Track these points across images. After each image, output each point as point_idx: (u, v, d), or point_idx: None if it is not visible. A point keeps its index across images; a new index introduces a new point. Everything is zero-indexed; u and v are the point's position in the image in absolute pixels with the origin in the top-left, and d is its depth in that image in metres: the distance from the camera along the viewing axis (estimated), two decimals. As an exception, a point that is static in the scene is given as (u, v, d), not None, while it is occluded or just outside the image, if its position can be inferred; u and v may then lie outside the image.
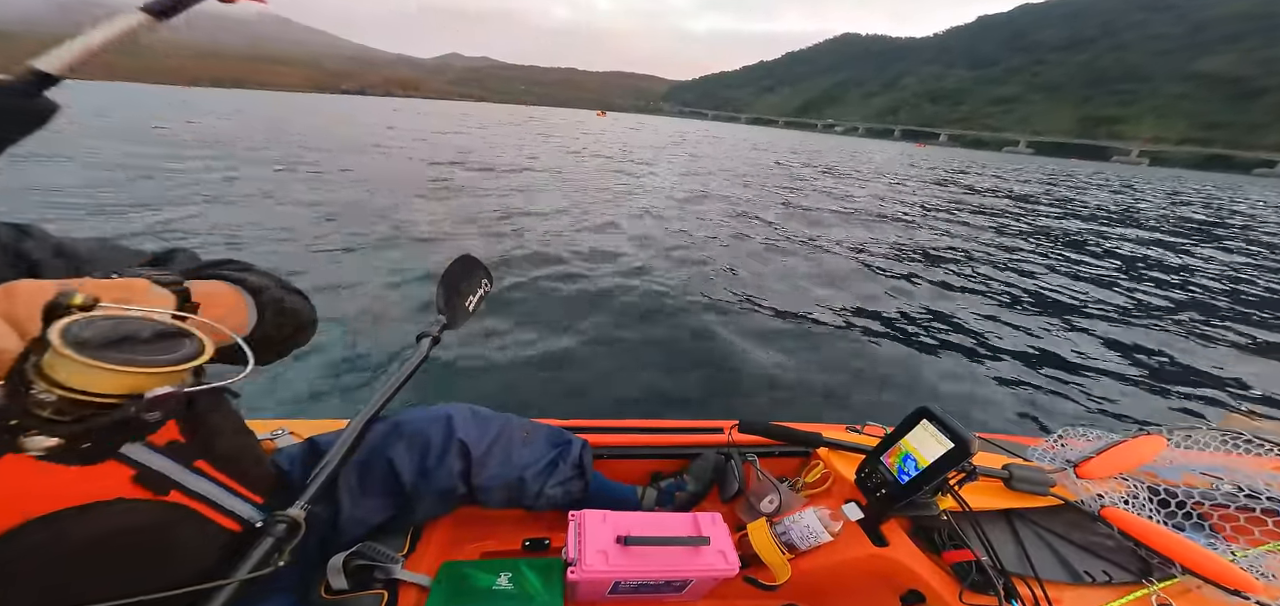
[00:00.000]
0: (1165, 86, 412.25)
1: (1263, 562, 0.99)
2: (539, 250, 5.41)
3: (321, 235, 5.53)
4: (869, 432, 1.38)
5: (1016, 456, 1.26)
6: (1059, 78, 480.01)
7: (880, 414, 1.54)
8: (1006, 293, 5.56)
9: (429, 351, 0.96)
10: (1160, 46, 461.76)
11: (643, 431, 1.40)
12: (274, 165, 10.60)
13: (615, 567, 0.98)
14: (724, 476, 1.33)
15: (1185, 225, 12.79)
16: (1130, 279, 6.89)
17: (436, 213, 7.04)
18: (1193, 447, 1.28)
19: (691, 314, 3.94)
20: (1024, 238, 9.04)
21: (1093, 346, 4.16)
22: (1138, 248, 9.12)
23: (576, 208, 8.16)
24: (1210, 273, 7.76)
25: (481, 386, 2.71)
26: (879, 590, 1.04)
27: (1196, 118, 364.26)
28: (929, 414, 1.00)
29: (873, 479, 1.05)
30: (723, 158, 21.51)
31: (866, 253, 6.79)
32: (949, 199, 13.59)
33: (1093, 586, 0.97)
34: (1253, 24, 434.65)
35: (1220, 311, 5.63)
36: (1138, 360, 3.99)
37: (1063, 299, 5.55)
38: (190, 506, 0.61)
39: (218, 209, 6.46)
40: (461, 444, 1.02)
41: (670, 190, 10.86)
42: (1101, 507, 1.09)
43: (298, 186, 8.37)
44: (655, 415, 2.54)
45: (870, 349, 3.62)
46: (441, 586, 1.00)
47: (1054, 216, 11.89)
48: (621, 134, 29.65)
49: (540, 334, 3.38)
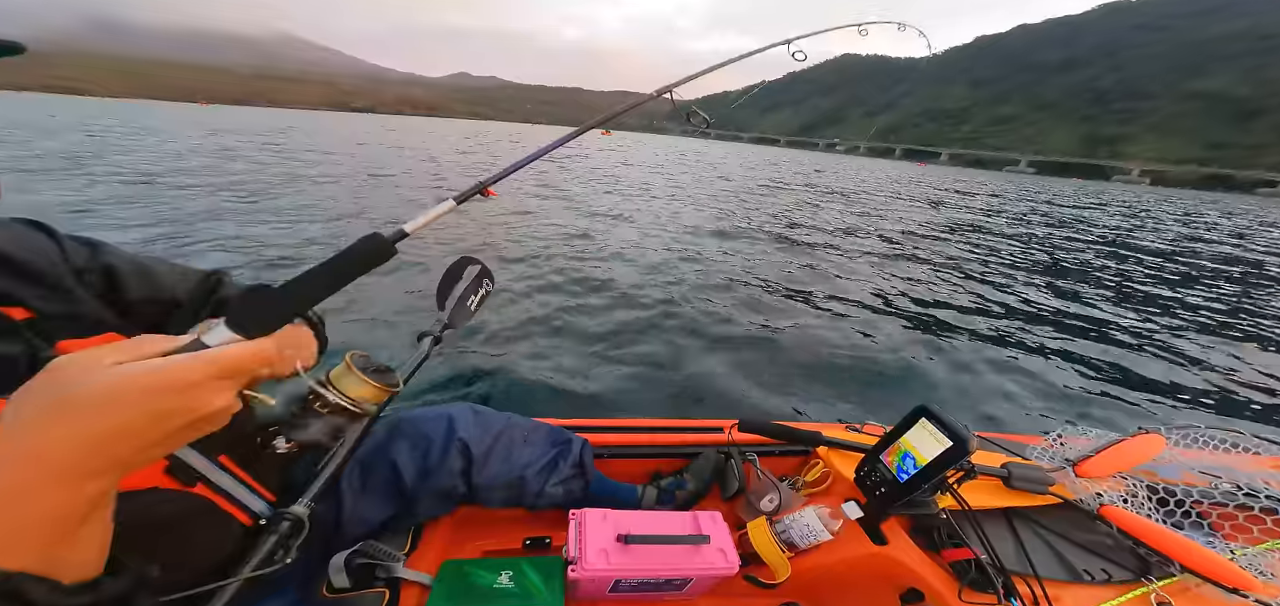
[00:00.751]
0: (1165, 106, 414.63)
1: (1262, 561, 0.99)
2: (539, 250, 5.42)
3: (324, 234, 5.54)
4: (868, 431, 1.38)
5: (1016, 455, 1.26)
6: (1059, 97, 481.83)
7: (880, 413, 1.54)
8: (1007, 294, 5.56)
9: (429, 351, 0.96)
10: (1158, 67, 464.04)
11: (643, 431, 1.40)
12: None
13: (616, 566, 0.99)
14: (724, 475, 1.33)
15: (1196, 241, 12.77)
16: (1132, 286, 6.89)
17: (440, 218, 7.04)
18: (1192, 447, 1.28)
19: (690, 314, 3.94)
20: (1028, 247, 9.03)
21: (1093, 348, 4.15)
22: (1142, 258, 9.11)
23: (584, 212, 8.17)
24: (1216, 284, 7.75)
25: (482, 386, 2.71)
26: (878, 588, 1.05)
27: (1196, 137, 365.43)
28: (928, 413, 1.00)
29: (872, 477, 1.05)
30: (713, 182, 21.48)
31: (867, 256, 6.78)
32: (949, 213, 13.60)
33: (1092, 585, 0.97)
34: (1248, 44, 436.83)
35: (1223, 318, 5.62)
36: (1138, 361, 3.99)
37: (1063, 301, 5.55)
38: (212, 500, 0.63)
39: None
40: (462, 443, 1.03)
41: (674, 205, 10.85)
42: (1100, 506, 1.09)
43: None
44: (655, 415, 2.54)
45: (870, 349, 3.62)
46: (443, 585, 1.00)
47: (1057, 234, 11.85)
48: (621, 154, 29.80)
49: (541, 334, 3.38)
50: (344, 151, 17.55)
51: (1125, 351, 4.12)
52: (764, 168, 30.00)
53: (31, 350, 0.52)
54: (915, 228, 9.72)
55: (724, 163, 32.39)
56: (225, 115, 71.34)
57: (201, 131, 23.89)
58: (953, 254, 7.39)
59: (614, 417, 1.45)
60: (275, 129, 33.29)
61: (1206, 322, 5.18)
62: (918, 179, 36.59)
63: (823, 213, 10.83)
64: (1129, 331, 4.64)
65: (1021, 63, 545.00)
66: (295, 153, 15.88)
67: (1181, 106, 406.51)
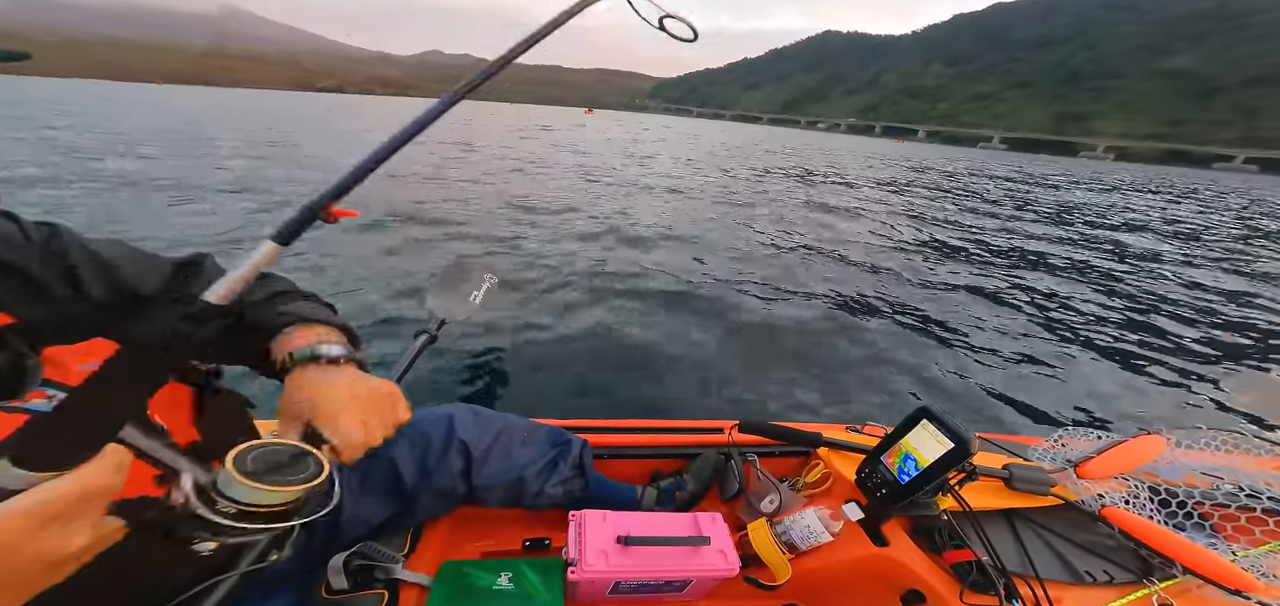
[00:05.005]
0: (1134, 83, 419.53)
1: (1264, 562, 0.98)
2: (539, 250, 5.42)
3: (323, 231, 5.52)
4: (869, 432, 1.38)
5: (1017, 456, 1.25)
6: (1033, 74, 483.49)
7: (880, 414, 1.53)
8: (1007, 295, 5.55)
9: (424, 348, 0.96)
10: (1128, 45, 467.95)
11: (643, 431, 1.40)
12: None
13: (615, 567, 0.98)
14: (724, 476, 1.33)
15: (1187, 228, 12.78)
16: (1130, 283, 6.89)
17: (436, 211, 7.04)
18: (1193, 447, 1.27)
19: (689, 315, 3.94)
20: (1023, 241, 9.04)
21: (1093, 348, 4.15)
22: (1143, 253, 9.11)
23: (581, 203, 8.16)
24: (1210, 279, 7.76)
25: (481, 386, 2.71)
26: (879, 590, 1.04)
27: (1160, 114, 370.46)
28: (929, 414, 1.00)
29: (873, 479, 1.05)
30: (701, 157, 21.45)
31: (864, 253, 6.78)
32: (937, 199, 13.57)
33: (1093, 586, 0.97)
34: (1213, 23, 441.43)
35: (1223, 315, 5.62)
36: (1138, 362, 3.99)
37: (1063, 301, 5.55)
38: None
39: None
40: (462, 443, 1.03)
41: (663, 184, 10.84)
42: (1102, 507, 1.09)
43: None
44: (655, 415, 2.54)
45: (870, 349, 3.62)
46: (442, 586, 1.00)
47: (1048, 219, 11.86)
48: (602, 132, 29.01)
49: (541, 334, 3.38)
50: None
51: (1126, 353, 4.12)
52: (749, 151, 28.62)
53: (16, 357, 0.50)
54: (907, 220, 9.70)
55: (708, 143, 32.06)
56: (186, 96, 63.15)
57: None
58: (952, 249, 7.39)
59: (614, 418, 1.44)
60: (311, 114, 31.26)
61: (1207, 323, 5.17)
62: (900, 156, 36.14)
63: (816, 203, 10.84)
64: (1129, 331, 4.64)
65: (997, 40, 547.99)
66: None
67: (1149, 84, 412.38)
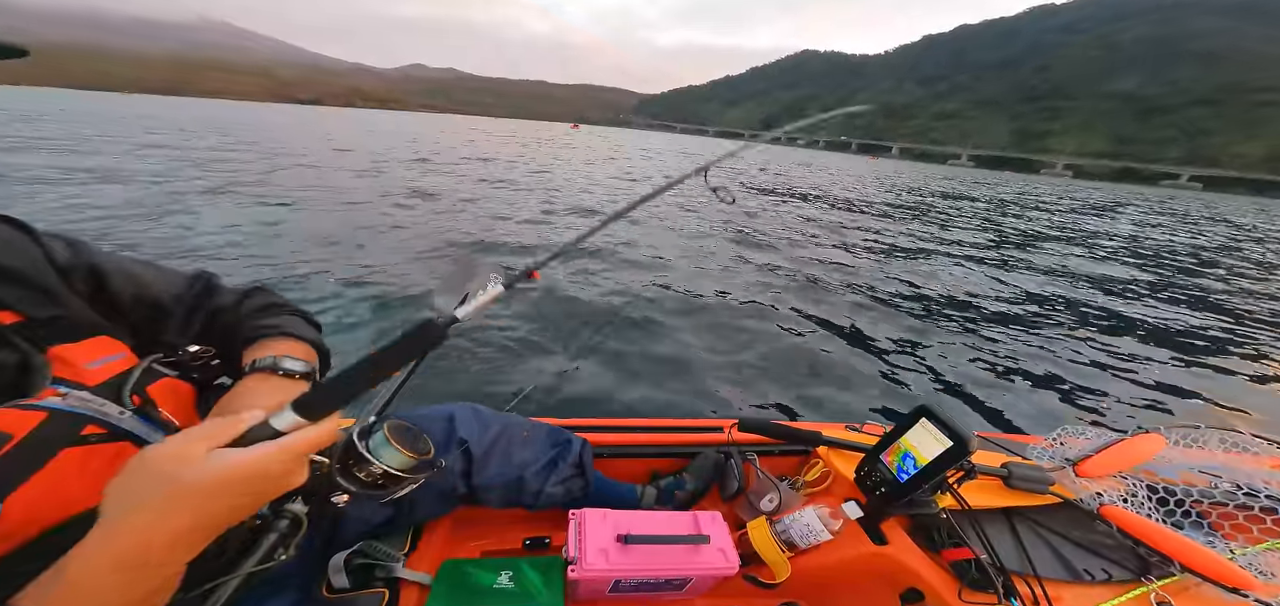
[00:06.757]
0: (1086, 104, 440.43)
1: (1261, 560, 0.98)
2: (538, 249, 5.41)
3: (323, 231, 5.52)
4: (868, 431, 1.38)
5: (1016, 455, 1.25)
6: (995, 94, 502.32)
7: (880, 413, 1.54)
8: (1007, 295, 5.56)
9: (429, 350, 0.96)
10: (1080, 68, 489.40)
11: (643, 430, 1.40)
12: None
13: (615, 566, 0.98)
14: (724, 475, 1.33)
15: (1172, 237, 12.78)
16: (1124, 284, 6.90)
17: (438, 216, 7.04)
18: (1191, 446, 1.27)
19: (688, 315, 3.94)
20: (1018, 243, 9.04)
21: (1093, 347, 4.16)
22: (1142, 258, 9.11)
23: (584, 211, 8.16)
24: (1205, 284, 7.76)
25: (482, 386, 2.71)
26: (878, 588, 1.05)
27: (1110, 133, 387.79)
28: (928, 413, 1.00)
29: (872, 477, 1.05)
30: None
31: (860, 256, 6.79)
32: (925, 209, 13.57)
33: (1092, 584, 0.97)
34: (1155, 48, 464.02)
35: (1224, 317, 5.62)
36: (1137, 361, 3.99)
37: (1063, 301, 5.55)
38: None
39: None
40: (462, 443, 1.03)
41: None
42: (1100, 506, 1.09)
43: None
44: (655, 415, 2.54)
45: (870, 349, 3.62)
46: (442, 585, 1.00)
47: (1039, 227, 11.85)
48: (587, 151, 28.18)
49: (542, 334, 3.38)
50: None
51: (1125, 352, 4.13)
52: (742, 167, 28.18)
53: (23, 356, 0.51)
54: (893, 226, 9.72)
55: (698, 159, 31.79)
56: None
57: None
58: (944, 251, 7.40)
59: (614, 418, 1.44)
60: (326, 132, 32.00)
61: (1208, 322, 5.18)
62: (876, 174, 36.45)
63: (801, 212, 10.84)
64: (1128, 331, 4.64)
65: (962, 61, 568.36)
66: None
67: (1099, 105, 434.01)
